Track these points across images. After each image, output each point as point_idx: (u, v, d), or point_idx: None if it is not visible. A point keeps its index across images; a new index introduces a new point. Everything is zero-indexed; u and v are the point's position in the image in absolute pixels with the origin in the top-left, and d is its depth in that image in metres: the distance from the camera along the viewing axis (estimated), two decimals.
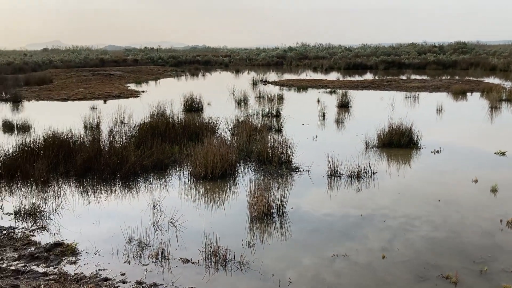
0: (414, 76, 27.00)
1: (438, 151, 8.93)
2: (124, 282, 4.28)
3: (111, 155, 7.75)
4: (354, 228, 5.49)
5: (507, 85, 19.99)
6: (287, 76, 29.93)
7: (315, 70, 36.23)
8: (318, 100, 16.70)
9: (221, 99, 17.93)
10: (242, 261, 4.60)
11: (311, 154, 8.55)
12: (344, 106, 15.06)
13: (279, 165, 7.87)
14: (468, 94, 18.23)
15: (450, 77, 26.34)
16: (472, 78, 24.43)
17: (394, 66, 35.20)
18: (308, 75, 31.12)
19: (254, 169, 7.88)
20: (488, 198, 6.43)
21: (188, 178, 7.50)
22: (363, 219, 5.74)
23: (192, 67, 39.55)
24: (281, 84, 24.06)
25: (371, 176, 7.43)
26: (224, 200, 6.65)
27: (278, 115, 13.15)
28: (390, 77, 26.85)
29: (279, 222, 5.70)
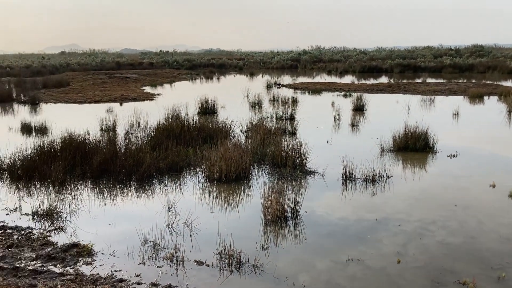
0: (430, 80, 26.76)
1: (454, 155, 8.83)
2: (139, 284, 4.32)
3: (127, 157, 7.82)
4: (368, 232, 5.45)
5: None
6: (302, 79, 29.89)
7: (329, 73, 36.13)
8: (333, 103, 16.64)
9: (235, 102, 17.98)
10: (256, 264, 4.61)
11: (326, 158, 8.52)
12: (359, 109, 14.98)
13: (293, 168, 7.86)
14: (485, 97, 17.98)
15: (466, 80, 26.05)
16: (490, 82, 24.11)
17: (410, 70, 34.91)
18: (323, 78, 31.04)
19: (268, 172, 7.88)
20: (506, 203, 6.34)
21: (203, 180, 7.53)
22: (378, 223, 5.70)
23: (206, 70, 39.74)
24: (295, 87, 24.04)
25: (386, 180, 7.38)
26: (238, 202, 6.66)
27: (292, 118, 13.14)
28: (406, 80, 26.66)
29: (293, 226, 5.69)
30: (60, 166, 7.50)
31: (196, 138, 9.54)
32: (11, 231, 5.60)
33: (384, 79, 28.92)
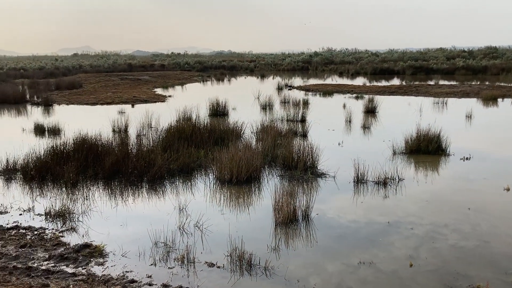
0: (443, 82, 26.54)
1: (467, 158, 8.74)
2: (150, 285, 4.33)
3: (139, 159, 7.87)
4: (380, 235, 5.41)
5: None
6: (313, 81, 29.84)
7: (341, 75, 36.02)
8: (344, 105, 16.57)
9: (246, 104, 18.00)
10: (267, 266, 4.60)
11: (337, 160, 8.48)
12: (370, 111, 14.91)
13: (304, 170, 7.84)
14: (499, 100, 17.79)
15: (480, 82, 25.79)
16: (504, 84, 23.84)
17: (422, 71, 34.65)
18: (334, 80, 30.96)
19: (279, 174, 7.87)
20: None
21: (214, 182, 7.55)
22: (389, 226, 5.66)
23: (217, 72, 39.86)
24: (306, 89, 23.99)
25: (398, 182, 7.33)
26: (249, 204, 6.66)
27: (303, 120, 13.12)
28: (418, 82, 26.47)
29: (304, 228, 5.67)
30: (72, 167, 7.57)
31: (207, 139, 9.56)
32: (24, 231, 5.66)
33: (396, 81, 28.74)
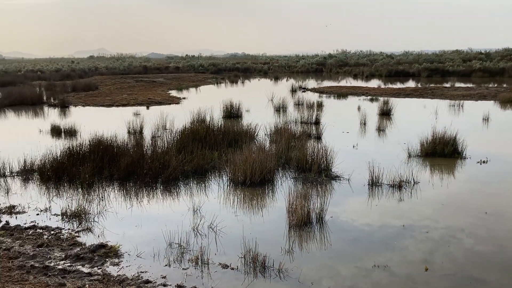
0: (459, 84, 26.24)
1: (484, 162, 8.62)
2: (164, 285, 4.36)
3: (153, 160, 7.93)
4: (395, 238, 5.37)
5: None
6: (327, 83, 29.75)
7: (355, 77, 35.83)
8: (359, 108, 16.48)
9: (260, 106, 18.01)
10: (281, 268, 4.60)
11: (352, 163, 8.44)
12: (385, 114, 14.80)
13: (318, 173, 7.81)
14: None
15: (497, 85, 25.43)
16: None
17: (438, 74, 34.29)
18: (348, 82, 30.82)
19: (293, 176, 7.86)
20: None
21: (227, 183, 7.57)
22: (404, 230, 5.61)
23: (231, 74, 39.97)
24: (320, 91, 23.93)
25: (414, 186, 7.26)
26: (263, 206, 6.66)
27: (317, 122, 13.08)
28: (433, 84, 26.21)
29: (318, 231, 5.66)
30: (88, 168, 7.66)
31: (221, 141, 9.59)
32: (41, 230, 5.74)
33: (411, 84, 28.51)
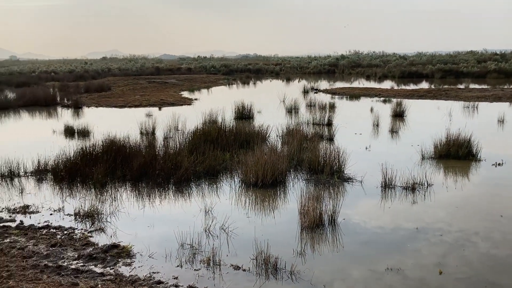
0: (473, 85, 25.93)
1: (499, 164, 8.50)
2: (176, 286, 4.36)
3: (166, 161, 7.95)
4: (408, 241, 5.32)
5: None
6: (339, 85, 29.62)
7: (368, 78, 35.63)
8: (372, 109, 16.37)
9: (271, 107, 17.99)
10: (293, 270, 4.57)
11: (364, 164, 8.38)
12: (398, 115, 14.68)
13: (330, 174, 7.77)
14: None
15: None
16: None
17: (452, 75, 33.95)
18: (361, 83, 30.65)
19: (305, 178, 7.83)
20: None
21: (239, 185, 7.56)
22: (418, 233, 5.55)
23: (243, 76, 40.01)
24: (332, 92, 23.83)
25: (427, 188, 7.18)
26: (275, 208, 6.64)
27: (329, 124, 13.02)
28: (447, 86, 25.95)
29: (330, 233, 5.62)
30: (101, 168, 7.71)
31: (232, 142, 9.59)
32: (54, 230, 5.79)
33: (424, 85, 28.26)
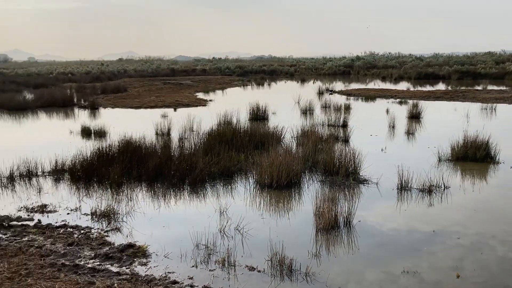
0: (491, 87, 25.57)
1: None
2: (191, 286, 4.38)
3: (181, 161, 8.00)
4: (424, 244, 5.26)
5: None
6: (354, 86, 29.46)
7: (383, 79, 35.37)
8: (387, 111, 16.25)
9: (286, 108, 17.97)
10: (308, 272, 4.55)
11: (380, 166, 8.31)
12: (415, 117, 14.54)
13: (346, 176, 7.73)
14: None
15: None
16: None
17: (469, 76, 33.52)
18: (377, 84, 30.44)
19: (320, 179, 7.80)
20: None
21: (254, 186, 7.56)
22: (434, 235, 5.48)
23: (258, 77, 40.03)
24: (348, 93, 23.70)
25: (444, 190, 7.10)
26: (289, 209, 6.63)
27: (345, 125, 12.96)
28: (465, 87, 25.62)
29: (346, 235, 5.59)
30: (117, 168, 7.78)
31: (247, 143, 9.60)
32: (71, 229, 5.86)
33: (441, 86, 27.96)
